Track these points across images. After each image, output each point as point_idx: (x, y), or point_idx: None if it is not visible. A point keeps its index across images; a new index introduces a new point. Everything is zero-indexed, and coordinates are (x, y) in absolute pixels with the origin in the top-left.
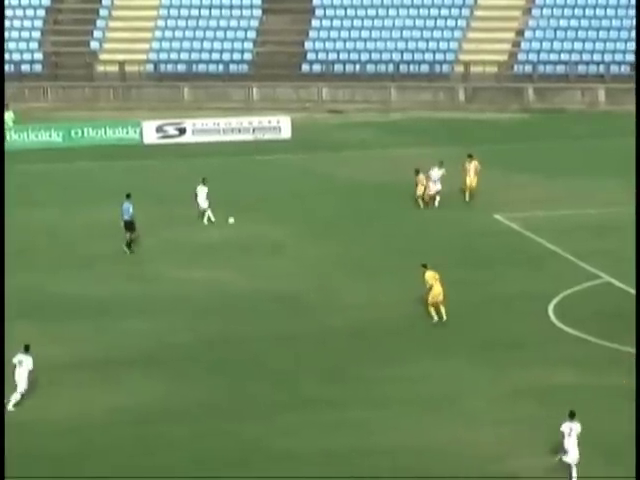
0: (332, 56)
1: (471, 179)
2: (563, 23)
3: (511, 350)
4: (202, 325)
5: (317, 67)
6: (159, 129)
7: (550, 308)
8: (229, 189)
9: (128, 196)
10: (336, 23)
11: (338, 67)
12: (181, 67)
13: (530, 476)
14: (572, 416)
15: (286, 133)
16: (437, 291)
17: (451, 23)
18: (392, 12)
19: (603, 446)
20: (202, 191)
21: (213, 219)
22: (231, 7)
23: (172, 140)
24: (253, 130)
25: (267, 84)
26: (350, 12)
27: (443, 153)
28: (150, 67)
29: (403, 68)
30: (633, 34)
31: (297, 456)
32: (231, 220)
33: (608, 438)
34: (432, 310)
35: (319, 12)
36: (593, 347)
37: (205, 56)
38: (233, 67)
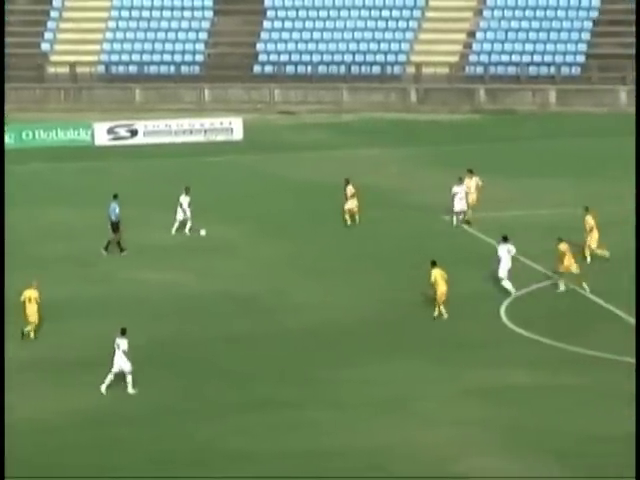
0: (284, 57)
1: (472, 196)
2: (514, 24)
3: (463, 351)
4: (156, 326)
5: (269, 68)
6: (110, 131)
7: (502, 309)
8: (181, 191)
9: (115, 197)
10: (288, 24)
11: (290, 68)
12: (132, 68)
13: (482, 476)
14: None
15: (238, 134)
16: (443, 289)
17: (402, 24)
18: (344, 13)
19: (554, 447)
20: (185, 200)
21: (188, 232)
22: (182, 8)
23: (124, 142)
24: (205, 131)
25: (219, 85)
26: (302, 13)
27: (395, 154)
28: (101, 68)
29: (355, 69)
30: (583, 35)
31: (252, 457)
32: (203, 232)
33: (559, 438)
34: (442, 308)
35: (270, 13)
36: (544, 348)
37: (156, 57)
38: (185, 68)
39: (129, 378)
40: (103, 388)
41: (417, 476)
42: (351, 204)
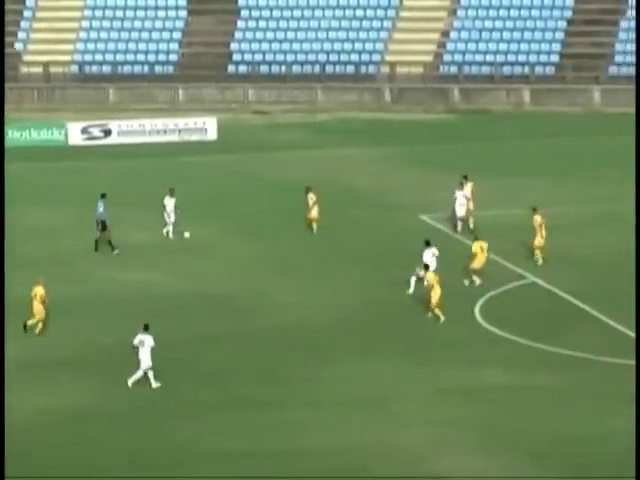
0: (258, 57)
1: (469, 203)
2: (488, 24)
3: (438, 351)
4: (131, 326)
5: (243, 68)
6: (84, 130)
7: (476, 309)
8: (156, 191)
9: (103, 196)
10: (262, 24)
11: (264, 68)
12: (106, 68)
13: (458, 476)
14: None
15: (212, 134)
16: (436, 294)
17: (377, 24)
18: (318, 13)
19: (529, 446)
20: (170, 202)
21: (171, 235)
22: (156, 8)
23: (97, 142)
24: (179, 131)
25: (193, 85)
26: (276, 13)
27: (370, 154)
28: (75, 68)
29: (329, 69)
30: (557, 35)
31: (230, 456)
32: (187, 235)
33: (534, 438)
34: (439, 311)
35: (244, 13)
36: (519, 347)
37: (130, 57)
38: (158, 68)
39: (151, 373)
40: (153, 384)
41: (394, 476)
42: (314, 213)
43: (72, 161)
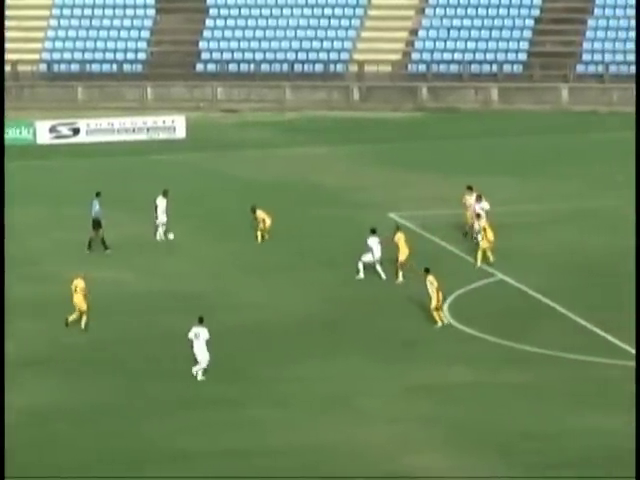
0: (226, 55)
1: (472, 215)
2: (456, 23)
3: (406, 348)
4: (98, 325)
5: (211, 66)
6: (52, 129)
7: (444, 306)
8: (124, 189)
9: (97, 194)
10: (230, 22)
11: (232, 66)
12: (74, 67)
13: (424, 475)
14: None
15: (181, 133)
16: (438, 296)
17: (345, 23)
18: (286, 12)
19: (496, 444)
20: (162, 203)
21: (163, 237)
22: (124, 7)
23: (66, 140)
24: (147, 130)
25: (161, 84)
26: (244, 11)
27: (338, 152)
28: (43, 67)
29: (298, 67)
30: (525, 33)
31: (195, 455)
32: (171, 236)
33: (501, 436)
34: (437, 315)
35: (213, 12)
36: (487, 345)
37: (99, 56)
38: (127, 67)
39: (204, 365)
40: (199, 376)
41: (361, 475)
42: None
43: (40, 160)
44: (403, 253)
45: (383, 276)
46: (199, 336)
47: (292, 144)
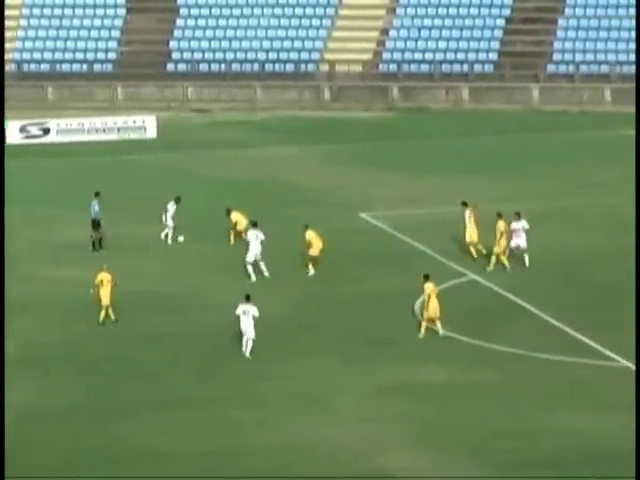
0: (197, 55)
1: (471, 231)
2: (427, 22)
3: (378, 348)
4: (73, 325)
5: (182, 66)
6: (22, 129)
7: (416, 306)
8: (95, 189)
9: (97, 194)
10: (201, 22)
11: (203, 66)
12: (44, 67)
13: (398, 475)
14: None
15: (151, 133)
16: (433, 305)
17: (316, 22)
18: (257, 11)
19: (468, 443)
20: (172, 208)
21: (171, 241)
22: (95, 6)
23: (36, 140)
24: (118, 130)
25: (132, 83)
26: (215, 11)
27: (309, 152)
28: (13, 67)
29: (268, 67)
30: (496, 33)
31: (172, 455)
32: (181, 239)
33: (473, 435)
34: (425, 325)
35: (184, 11)
36: (459, 344)
37: (69, 55)
38: (97, 66)
39: (251, 344)
40: (247, 353)
41: (334, 475)
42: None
43: (10, 160)
44: (316, 248)
45: (253, 277)
46: (248, 313)
47: (263, 144)
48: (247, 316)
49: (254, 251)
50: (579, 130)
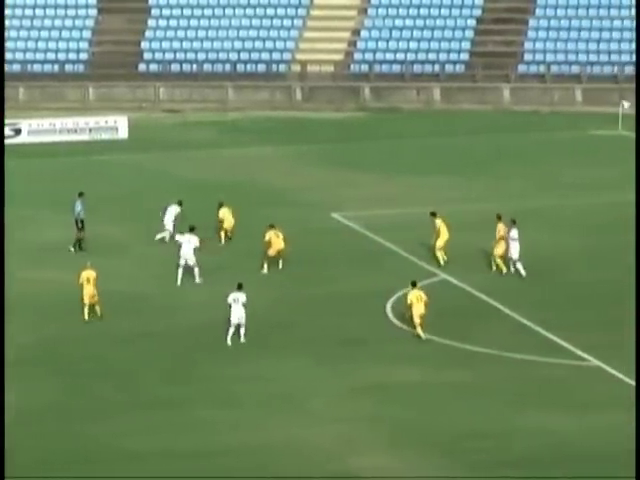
0: (169, 56)
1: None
2: (398, 23)
3: (350, 348)
4: (45, 325)
5: (154, 67)
6: None
7: (388, 306)
8: (66, 190)
9: (80, 194)
10: (172, 23)
11: (175, 67)
12: (16, 67)
13: (371, 475)
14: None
15: (123, 133)
16: (417, 311)
17: (287, 23)
18: (229, 12)
19: (440, 443)
20: (173, 212)
21: (160, 238)
22: (66, 7)
23: (7, 141)
24: (90, 130)
25: (103, 84)
26: (186, 12)
27: (281, 152)
28: None
29: (240, 67)
30: (467, 33)
31: (142, 456)
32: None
33: (445, 435)
34: (419, 329)
35: (155, 12)
36: (431, 345)
37: (40, 56)
38: (69, 67)
39: (243, 330)
40: (228, 340)
41: (306, 475)
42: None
43: None
44: (274, 249)
45: (179, 282)
46: (238, 301)
47: (235, 144)
48: (237, 304)
49: (184, 255)
50: (550, 130)
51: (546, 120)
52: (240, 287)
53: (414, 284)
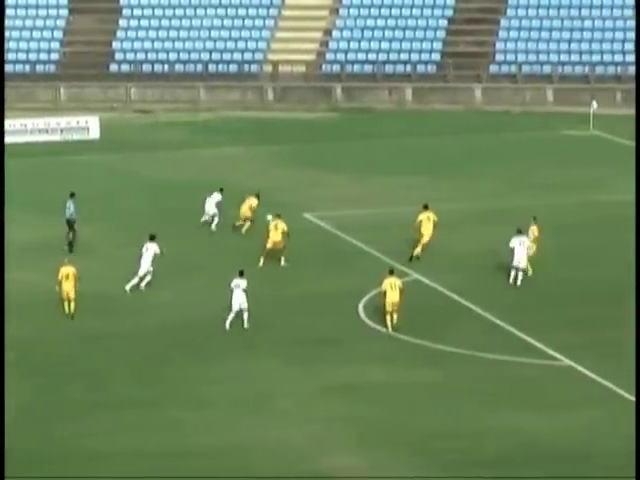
0: (140, 56)
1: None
2: (370, 23)
3: (322, 348)
4: (12, 326)
5: (125, 67)
6: None
7: (360, 306)
8: (38, 190)
9: (72, 195)
10: (144, 23)
11: (146, 67)
12: None
13: (341, 475)
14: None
15: (94, 133)
16: (389, 299)
17: (259, 23)
18: (200, 12)
19: (413, 443)
20: (216, 197)
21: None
22: (37, 7)
23: None
24: (61, 131)
25: (75, 84)
26: (158, 12)
27: (253, 153)
28: None
29: (212, 68)
30: (439, 34)
31: (111, 456)
32: (269, 217)
33: (416, 435)
34: (387, 318)
35: (126, 12)
36: (403, 344)
37: (11, 56)
38: (40, 67)
39: (246, 315)
40: (227, 324)
41: (277, 475)
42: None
43: None
44: (271, 239)
45: (127, 287)
46: (239, 286)
47: (207, 145)
48: (239, 289)
49: (144, 266)
50: (521, 130)
51: (517, 120)
52: (242, 274)
53: (391, 271)
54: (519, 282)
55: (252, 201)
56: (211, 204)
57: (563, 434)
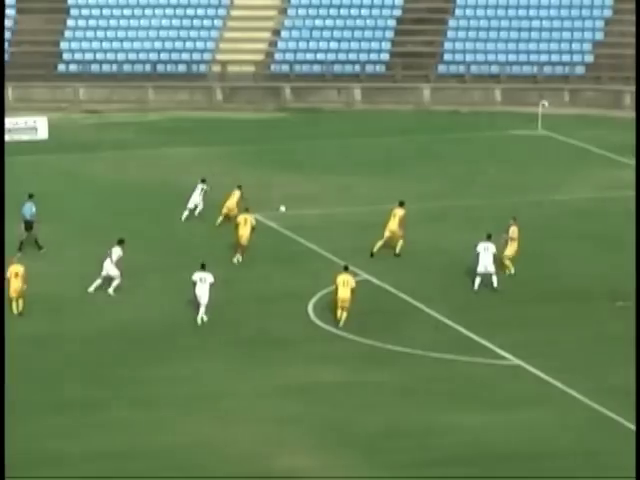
0: (88, 56)
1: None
2: (318, 23)
3: (272, 349)
4: None
5: (73, 67)
6: None
7: (310, 306)
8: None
9: (30, 196)
10: (92, 23)
11: (94, 67)
12: None
13: (291, 476)
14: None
15: (43, 134)
16: (340, 295)
17: (207, 23)
18: (148, 12)
19: (364, 443)
20: (200, 188)
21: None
22: None
23: None
24: (9, 131)
25: (22, 84)
26: (106, 12)
27: (201, 153)
28: None
29: (160, 68)
30: (387, 34)
31: (62, 457)
32: (282, 209)
33: (368, 435)
34: (338, 312)
35: (74, 12)
36: (353, 345)
37: None
38: None
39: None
40: (92, 289)
41: (228, 475)
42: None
43: None
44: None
45: (91, 288)
46: (205, 280)
47: (155, 145)
48: (204, 283)
49: (105, 267)
50: (470, 130)
51: (466, 120)
52: (203, 267)
53: (346, 268)
54: (495, 285)
55: (237, 195)
56: (196, 194)
57: (511, 433)
